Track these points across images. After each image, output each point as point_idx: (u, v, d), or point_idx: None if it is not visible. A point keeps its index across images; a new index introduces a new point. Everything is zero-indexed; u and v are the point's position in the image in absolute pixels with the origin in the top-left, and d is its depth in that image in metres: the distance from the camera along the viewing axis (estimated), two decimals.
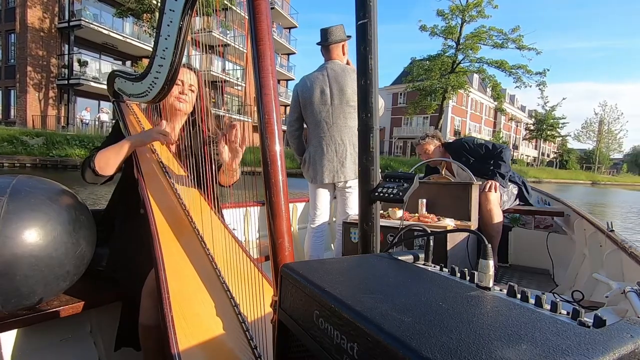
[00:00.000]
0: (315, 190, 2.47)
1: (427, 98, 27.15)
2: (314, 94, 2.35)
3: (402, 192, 0.88)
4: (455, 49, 26.52)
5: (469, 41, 25.86)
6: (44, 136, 14.82)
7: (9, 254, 1.04)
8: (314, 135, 2.39)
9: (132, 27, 19.55)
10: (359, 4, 0.88)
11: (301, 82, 2.43)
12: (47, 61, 17.84)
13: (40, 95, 17.78)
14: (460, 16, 25.67)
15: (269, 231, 0.79)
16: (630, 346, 0.37)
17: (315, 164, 2.37)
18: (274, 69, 0.79)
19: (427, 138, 2.94)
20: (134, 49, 20.18)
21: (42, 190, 1.20)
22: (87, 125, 18.35)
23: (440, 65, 26.17)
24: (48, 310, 1.19)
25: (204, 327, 0.94)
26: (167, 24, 1.06)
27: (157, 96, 1.23)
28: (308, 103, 2.37)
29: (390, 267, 0.66)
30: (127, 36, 19.23)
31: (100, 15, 18.59)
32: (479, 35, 25.59)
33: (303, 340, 0.55)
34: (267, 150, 0.78)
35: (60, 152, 14.55)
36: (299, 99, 2.41)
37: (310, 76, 2.41)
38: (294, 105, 2.46)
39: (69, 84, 17.86)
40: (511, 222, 2.93)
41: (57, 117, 18.04)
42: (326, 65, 2.39)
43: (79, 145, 15.10)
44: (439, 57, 26.52)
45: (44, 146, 14.48)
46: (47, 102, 18.02)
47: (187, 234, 1.21)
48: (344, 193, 2.41)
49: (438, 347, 0.37)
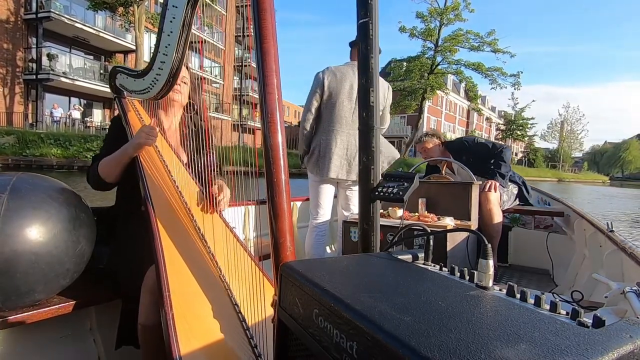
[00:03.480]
0: (319, 186, 2.41)
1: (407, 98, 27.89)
2: (342, 87, 2.29)
3: (402, 191, 0.88)
4: (434, 50, 27.37)
5: (447, 43, 26.77)
6: (15, 134, 13.75)
7: (9, 252, 1.04)
8: (328, 128, 2.32)
9: (104, 21, 18.61)
10: (360, 3, 0.88)
11: (329, 72, 2.34)
12: (12, 55, 16.44)
13: (6, 90, 16.38)
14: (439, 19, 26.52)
15: (271, 230, 0.79)
16: (629, 346, 0.37)
17: (324, 157, 2.31)
18: (278, 67, 0.79)
19: (427, 137, 2.94)
20: (108, 44, 19.19)
21: (43, 188, 1.20)
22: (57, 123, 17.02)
23: (420, 67, 27.09)
24: (48, 307, 1.19)
25: (204, 326, 0.94)
26: (170, 20, 1.06)
27: (159, 93, 1.23)
28: (334, 94, 2.30)
29: (390, 266, 0.66)
30: (100, 30, 18.25)
31: (70, 7, 17.54)
32: (457, 37, 26.51)
33: (303, 339, 0.55)
34: (270, 149, 0.78)
35: (34, 151, 13.54)
36: (324, 87, 2.31)
37: (339, 68, 2.34)
38: (317, 92, 2.34)
39: (37, 79, 16.64)
40: (511, 222, 2.93)
41: (24, 114, 16.70)
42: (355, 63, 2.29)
43: (55, 144, 14.09)
44: (418, 59, 27.45)
45: (16, 145, 13.42)
46: (12, 98, 16.62)
47: (188, 232, 1.21)
48: (348, 191, 2.39)
49: (437, 346, 0.37)
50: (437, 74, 27.42)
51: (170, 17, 1.06)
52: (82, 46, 18.97)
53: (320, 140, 2.34)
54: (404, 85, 27.10)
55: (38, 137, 14.07)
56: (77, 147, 14.41)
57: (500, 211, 2.57)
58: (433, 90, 28.09)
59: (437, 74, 27.42)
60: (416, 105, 28.63)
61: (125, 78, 1.38)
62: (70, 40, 18.39)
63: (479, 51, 26.75)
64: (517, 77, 26.90)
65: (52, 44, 17.36)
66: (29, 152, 13.55)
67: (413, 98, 27.93)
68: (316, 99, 2.34)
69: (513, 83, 27.22)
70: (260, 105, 0.78)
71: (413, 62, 27.18)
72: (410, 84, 26.96)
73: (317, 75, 2.36)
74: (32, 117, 16.92)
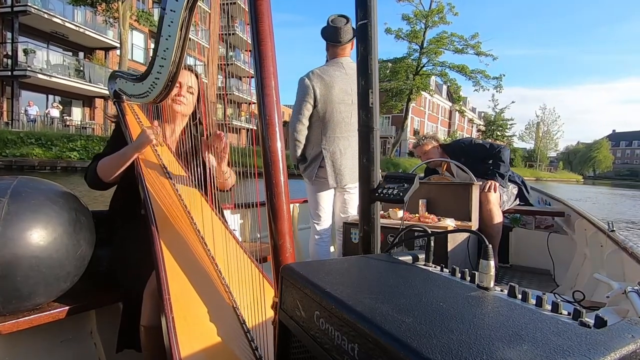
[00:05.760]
0: (320, 193, 2.33)
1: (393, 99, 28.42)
2: (333, 91, 2.19)
3: (403, 192, 0.88)
4: (419, 52, 27.90)
5: (432, 45, 27.34)
6: None
7: (10, 255, 1.04)
8: (327, 136, 2.22)
9: (84, 16, 17.93)
10: (359, 4, 0.88)
11: (316, 78, 2.19)
12: None
13: None
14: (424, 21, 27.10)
15: (270, 232, 0.79)
16: (632, 346, 0.37)
17: (333, 165, 2.22)
18: (276, 69, 0.79)
19: (426, 139, 2.95)
20: (88, 40, 18.49)
21: (43, 192, 1.20)
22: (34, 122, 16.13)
23: (406, 68, 27.68)
24: (49, 311, 1.19)
25: (205, 329, 0.94)
26: (168, 24, 1.06)
27: (158, 97, 1.23)
28: (328, 101, 2.19)
29: (390, 267, 0.66)
30: (80, 25, 17.54)
31: (48, 0, 16.59)
32: (442, 40, 27.11)
33: (304, 341, 0.55)
34: (269, 151, 0.78)
35: (14, 151, 12.97)
36: (315, 95, 2.18)
37: (325, 70, 2.22)
38: (307, 102, 2.20)
39: (13, 76, 15.74)
40: (512, 223, 2.93)
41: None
42: (341, 61, 2.23)
43: (36, 144, 13.45)
44: (404, 60, 27.99)
45: None
46: None
47: (188, 235, 1.21)
48: (346, 195, 2.37)
49: (439, 347, 0.37)
50: (422, 75, 28.11)
51: (168, 21, 1.06)
52: (61, 42, 18.26)
53: (321, 150, 2.23)
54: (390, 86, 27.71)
55: (17, 136, 13.50)
56: (60, 147, 13.91)
57: (500, 211, 2.57)
58: (418, 91, 28.84)
59: (422, 76, 28.09)
60: (402, 106, 29.30)
61: (124, 82, 1.38)
62: (48, 36, 17.64)
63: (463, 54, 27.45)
64: (499, 80, 27.74)
65: (29, 39, 16.57)
66: (8, 152, 13.01)
67: (399, 99, 28.53)
68: (307, 109, 2.21)
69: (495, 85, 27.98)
70: (258, 107, 0.78)
71: (399, 64, 27.75)
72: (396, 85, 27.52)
73: (303, 83, 2.20)
74: (8, 116, 15.99)
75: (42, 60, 16.58)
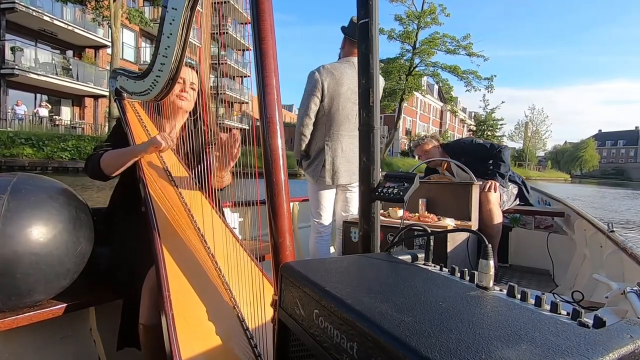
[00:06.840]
0: (322, 191, 2.32)
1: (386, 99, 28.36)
2: (342, 88, 2.17)
3: (403, 191, 0.88)
4: (412, 52, 27.97)
5: (425, 46, 27.42)
6: None
7: (10, 252, 1.04)
8: (331, 133, 2.21)
9: (73, 14, 17.46)
10: (361, 3, 0.88)
11: (326, 72, 2.17)
12: None
13: None
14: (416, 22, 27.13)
15: (270, 230, 0.79)
16: (630, 347, 0.37)
17: (333, 163, 2.22)
18: (277, 67, 0.79)
19: (426, 139, 2.95)
20: (78, 38, 18.04)
21: (43, 189, 1.20)
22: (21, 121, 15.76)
23: (399, 68, 27.76)
24: (48, 308, 1.19)
25: (204, 326, 0.94)
26: (170, 22, 1.06)
27: (159, 94, 1.23)
28: (335, 96, 2.17)
29: (390, 266, 0.66)
30: (69, 23, 17.08)
31: None
32: (434, 40, 27.17)
33: (303, 339, 0.55)
34: (269, 149, 0.78)
35: (4, 151, 12.78)
36: (323, 89, 2.15)
37: (336, 67, 2.20)
38: (316, 95, 2.17)
39: (0, 74, 15.45)
40: (511, 222, 2.93)
41: None
42: (353, 60, 2.20)
43: (27, 144, 13.23)
44: (397, 60, 28.05)
45: None
46: None
47: (188, 232, 1.21)
48: (348, 193, 2.37)
49: (438, 346, 0.37)
50: (415, 75, 28.24)
51: (169, 19, 1.06)
52: (49, 40, 17.83)
53: (324, 147, 2.22)
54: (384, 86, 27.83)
55: (6, 136, 13.28)
56: (51, 147, 13.74)
57: (500, 211, 2.57)
58: (411, 92, 29.08)
59: (414, 76, 28.23)
60: (394, 106, 29.44)
61: (125, 80, 1.38)
62: (36, 34, 17.22)
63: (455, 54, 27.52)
64: (490, 81, 27.88)
65: (16, 37, 16.20)
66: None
67: (392, 99, 28.62)
68: (315, 103, 2.19)
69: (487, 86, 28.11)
70: (259, 105, 0.78)
71: (392, 64, 27.80)
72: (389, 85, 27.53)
73: (312, 76, 2.19)
74: None
75: (30, 58, 16.24)
